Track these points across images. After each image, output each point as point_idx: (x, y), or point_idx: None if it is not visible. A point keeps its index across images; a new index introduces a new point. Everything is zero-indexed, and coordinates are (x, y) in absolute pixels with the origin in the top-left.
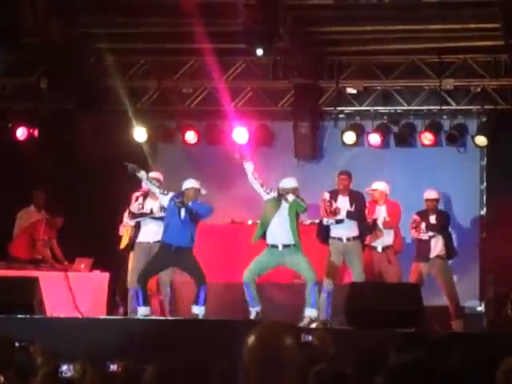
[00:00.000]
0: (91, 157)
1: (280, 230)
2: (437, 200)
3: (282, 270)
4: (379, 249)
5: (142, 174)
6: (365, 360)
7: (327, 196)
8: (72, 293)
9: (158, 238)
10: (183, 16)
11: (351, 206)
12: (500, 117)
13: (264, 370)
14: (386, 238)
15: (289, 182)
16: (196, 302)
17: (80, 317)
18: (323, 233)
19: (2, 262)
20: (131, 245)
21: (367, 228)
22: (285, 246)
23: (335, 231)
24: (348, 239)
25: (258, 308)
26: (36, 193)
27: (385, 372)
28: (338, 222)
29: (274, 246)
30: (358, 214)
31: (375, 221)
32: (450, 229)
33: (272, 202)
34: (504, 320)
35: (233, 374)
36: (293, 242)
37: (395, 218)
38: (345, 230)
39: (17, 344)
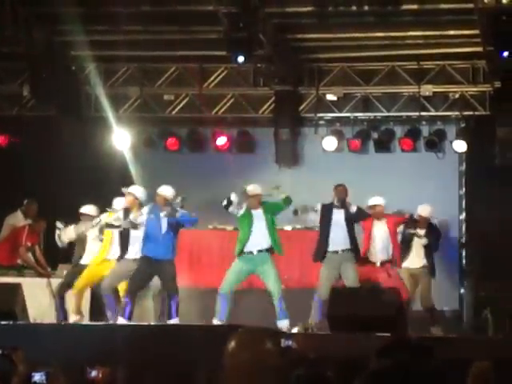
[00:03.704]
0: (74, 163)
1: (258, 237)
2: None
3: None
4: (378, 264)
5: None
6: (345, 364)
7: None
8: (55, 299)
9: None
10: (165, 24)
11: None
12: (478, 122)
13: (245, 375)
14: (385, 253)
15: (253, 190)
16: (169, 317)
17: (63, 323)
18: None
19: None
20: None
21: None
22: (259, 251)
23: (330, 245)
24: (343, 250)
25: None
26: (28, 203)
27: (363, 376)
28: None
29: (249, 253)
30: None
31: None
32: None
33: (244, 216)
34: (483, 324)
35: (215, 379)
36: (267, 246)
37: (396, 234)
38: (339, 242)
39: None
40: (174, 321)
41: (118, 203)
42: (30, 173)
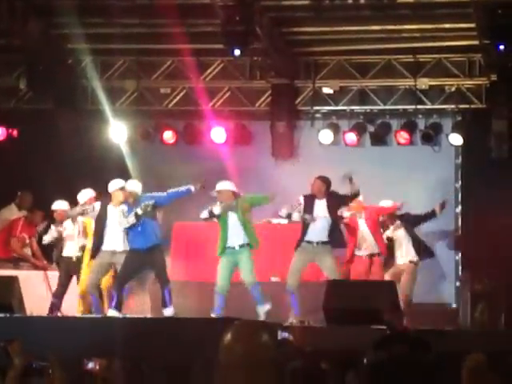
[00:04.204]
0: (71, 156)
1: (235, 232)
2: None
3: (258, 268)
4: (364, 258)
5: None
6: (341, 357)
7: None
8: (51, 292)
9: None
10: (161, 17)
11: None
12: (474, 116)
13: (240, 368)
14: (372, 246)
15: (222, 186)
16: (164, 305)
17: (59, 315)
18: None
19: None
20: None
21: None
22: (241, 246)
23: (308, 235)
24: (317, 243)
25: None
26: (22, 195)
27: (360, 368)
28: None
29: (231, 248)
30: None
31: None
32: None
33: (221, 215)
34: (479, 317)
35: (211, 372)
36: (247, 242)
37: (376, 223)
38: (316, 234)
39: None
40: (170, 309)
41: (83, 196)
42: (26, 165)
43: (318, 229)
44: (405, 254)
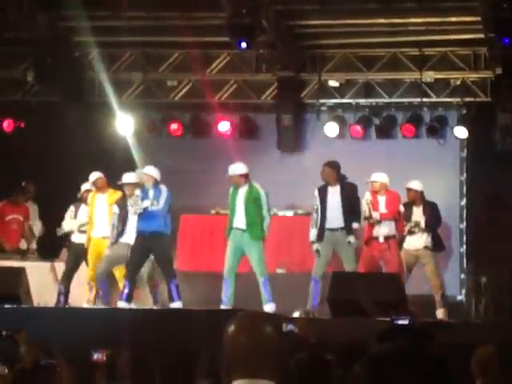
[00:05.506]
0: (77, 148)
1: (238, 215)
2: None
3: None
4: (381, 239)
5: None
6: (346, 348)
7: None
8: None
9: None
10: (168, 9)
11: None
12: (479, 109)
13: (243, 359)
14: (388, 229)
15: (233, 169)
16: (171, 299)
17: (66, 306)
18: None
19: None
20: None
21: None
22: (238, 229)
23: (327, 223)
24: (335, 229)
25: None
26: (25, 185)
27: (364, 360)
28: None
29: (237, 229)
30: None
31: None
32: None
33: (231, 193)
34: (484, 309)
35: (217, 363)
36: (244, 227)
37: (393, 208)
38: (334, 221)
39: (3, 333)
40: (177, 303)
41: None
42: (33, 157)
43: (334, 215)
44: (417, 238)
